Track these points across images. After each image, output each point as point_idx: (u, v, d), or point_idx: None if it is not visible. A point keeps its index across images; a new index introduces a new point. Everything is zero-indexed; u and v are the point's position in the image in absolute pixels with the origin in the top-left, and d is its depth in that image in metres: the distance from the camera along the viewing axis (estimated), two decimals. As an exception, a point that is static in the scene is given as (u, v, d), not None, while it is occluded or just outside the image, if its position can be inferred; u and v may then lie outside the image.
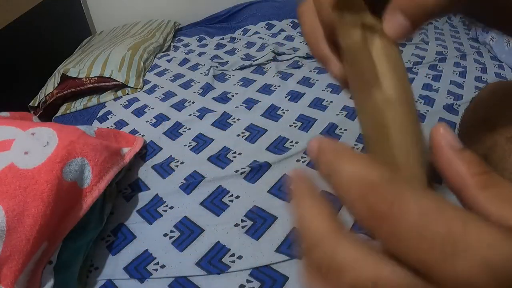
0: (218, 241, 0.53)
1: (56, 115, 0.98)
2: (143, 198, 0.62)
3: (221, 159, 0.68)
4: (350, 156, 0.14)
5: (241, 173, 0.63)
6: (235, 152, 0.69)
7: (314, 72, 0.99)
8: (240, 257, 0.50)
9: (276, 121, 0.77)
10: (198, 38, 1.35)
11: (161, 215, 0.58)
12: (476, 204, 0.13)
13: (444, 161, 0.14)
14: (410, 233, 0.11)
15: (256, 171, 0.63)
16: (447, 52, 1.11)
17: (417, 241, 0.11)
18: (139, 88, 0.99)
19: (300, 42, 1.20)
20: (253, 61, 1.04)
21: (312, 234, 0.14)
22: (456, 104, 0.81)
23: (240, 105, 0.84)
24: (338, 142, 0.15)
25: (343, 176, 0.14)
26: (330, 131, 0.72)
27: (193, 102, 0.88)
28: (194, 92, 0.93)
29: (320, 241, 0.14)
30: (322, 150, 0.15)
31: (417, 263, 0.11)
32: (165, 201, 0.60)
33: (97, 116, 0.91)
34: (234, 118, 0.79)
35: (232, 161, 0.67)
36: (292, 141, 0.70)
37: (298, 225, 0.15)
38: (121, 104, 0.94)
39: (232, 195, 0.60)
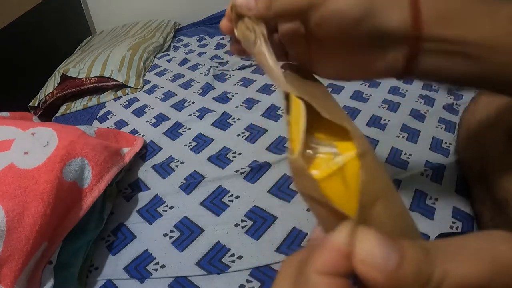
0: (218, 241, 0.53)
1: (56, 115, 0.98)
2: (143, 198, 0.62)
3: (221, 159, 0.68)
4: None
5: (241, 173, 0.63)
6: (235, 152, 0.69)
7: (314, 72, 0.99)
8: (240, 257, 0.50)
9: (276, 121, 0.77)
10: (198, 38, 1.35)
11: (161, 215, 0.58)
12: None
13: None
14: None
15: (256, 171, 0.63)
16: (447, 52, 1.11)
17: None
18: (139, 88, 0.99)
19: (300, 42, 1.20)
20: (253, 61, 1.04)
21: None
22: (456, 104, 0.81)
23: (240, 105, 0.84)
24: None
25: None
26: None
27: (193, 102, 0.88)
28: (194, 92, 0.93)
29: None
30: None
31: None
32: (165, 201, 0.60)
33: (97, 116, 0.91)
34: (234, 118, 0.79)
35: (232, 161, 0.67)
36: (292, 141, 0.70)
37: None
38: (121, 104, 0.94)
39: (232, 195, 0.60)
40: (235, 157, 0.68)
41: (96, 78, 0.97)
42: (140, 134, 0.79)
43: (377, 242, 0.13)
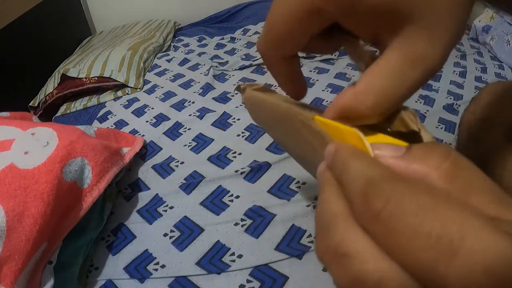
0: (218, 240, 0.53)
1: (56, 115, 0.98)
2: (143, 198, 0.62)
3: (221, 159, 0.68)
4: (361, 154, 0.14)
5: (241, 173, 0.63)
6: (235, 152, 0.69)
7: (314, 72, 0.99)
8: (240, 256, 0.50)
9: (276, 121, 0.77)
10: (198, 38, 1.35)
11: (161, 215, 0.58)
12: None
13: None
14: (405, 232, 0.11)
15: (256, 171, 0.63)
16: (447, 52, 1.11)
17: (412, 240, 0.11)
18: (139, 88, 0.99)
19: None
20: (253, 61, 1.04)
21: (327, 215, 0.14)
22: (456, 104, 0.81)
23: (240, 105, 0.84)
24: (354, 147, 0.15)
25: (350, 172, 0.14)
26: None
27: (193, 102, 0.88)
28: (194, 92, 0.93)
29: (332, 224, 0.14)
30: (338, 150, 0.16)
31: (412, 262, 0.11)
32: (165, 201, 0.60)
33: (97, 116, 0.91)
34: (234, 118, 0.79)
35: (232, 161, 0.67)
36: (292, 141, 0.70)
37: (318, 206, 0.15)
38: (121, 104, 0.94)
39: (232, 195, 0.60)
40: (235, 157, 0.68)
41: (96, 78, 0.97)
42: (140, 134, 0.79)
43: None
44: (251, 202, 0.58)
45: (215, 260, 0.50)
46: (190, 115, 0.83)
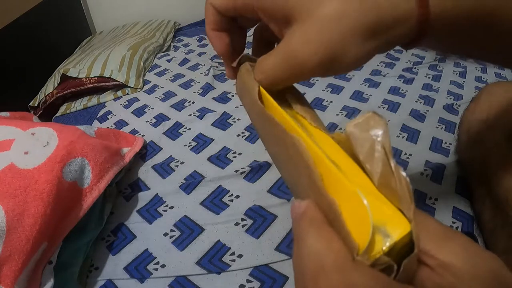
0: (218, 240, 0.53)
1: (56, 115, 0.98)
2: (143, 198, 0.62)
3: (221, 159, 0.68)
4: (319, 230, 0.16)
5: (241, 173, 0.63)
6: (235, 152, 0.69)
7: (314, 72, 0.99)
8: (240, 256, 0.50)
9: (276, 121, 0.77)
10: (198, 38, 1.35)
11: (161, 215, 0.58)
12: None
13: None
14: None
15: (256, 171, 0.63)
16: (447, 52, 1.11)
17: None
18: (139, 88, 0.99)
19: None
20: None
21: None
22: (456, 104, 0.81)
23: (240, 105, 0.84)
24: (319, 214, 0.16)
25: (306, 246, 0.15)
26: (330, 131, 0.72)
27: (193, 102, 0.88)
28: (194, 92, 0.93)
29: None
30: (304, 214, 0.17)
31: None
32: (165, 201, 0.60)
33: (97, 116, 0.91)
34: (234, 118, 0.79)
35: (232, 161, 0.67)
36: (292, 141, 0.70)
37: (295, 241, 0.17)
38: (121, 104, 0.94)
39: (232, 195, 0.60)
40: (235, 157, 0.68)
41: (96, 78, 0.97)
42: (140, 134, 0.79)
43: None
44: (251, 202, 0.58)
45: (215, 260, 0.50)
46: (190, 115, 0.83)
